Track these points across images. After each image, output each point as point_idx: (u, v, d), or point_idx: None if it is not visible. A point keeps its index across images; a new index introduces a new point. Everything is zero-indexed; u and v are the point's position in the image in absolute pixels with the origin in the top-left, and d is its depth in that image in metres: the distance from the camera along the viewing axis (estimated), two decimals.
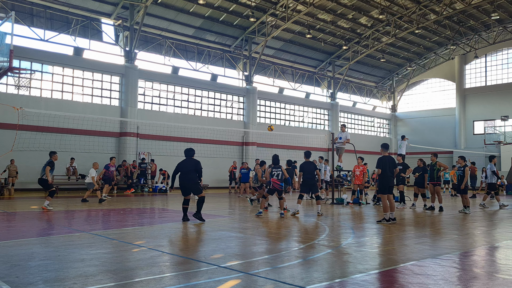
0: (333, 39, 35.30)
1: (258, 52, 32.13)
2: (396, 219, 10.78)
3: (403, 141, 18.36)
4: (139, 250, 6.85)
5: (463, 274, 5.57)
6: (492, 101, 38.99)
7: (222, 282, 4.96)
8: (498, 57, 39.88)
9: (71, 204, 15.82)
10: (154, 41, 28.20)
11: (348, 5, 30.61)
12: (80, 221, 11.03)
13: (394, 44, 37.71)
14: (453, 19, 34.63)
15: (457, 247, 7.61)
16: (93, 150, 23.13)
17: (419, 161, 16.15)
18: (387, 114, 45.66)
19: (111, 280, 5.04)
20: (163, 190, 24.60)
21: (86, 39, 25.65)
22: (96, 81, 25.93)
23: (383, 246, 7.76)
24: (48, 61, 23.85)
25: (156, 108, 28.50)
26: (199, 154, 17.98)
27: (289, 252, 6.79)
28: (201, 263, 5.89)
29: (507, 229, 10.31)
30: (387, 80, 44.95)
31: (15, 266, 5.60)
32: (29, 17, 23.69)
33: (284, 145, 30.33)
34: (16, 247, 6.99)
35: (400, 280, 5.21)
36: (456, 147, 39.16)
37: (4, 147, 19.13)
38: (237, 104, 32.70)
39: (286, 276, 5.26)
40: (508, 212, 14.95)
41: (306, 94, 37.77)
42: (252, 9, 28.51)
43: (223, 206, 15.89)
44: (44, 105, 22.91)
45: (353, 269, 5.78)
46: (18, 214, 12.06)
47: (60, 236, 8.22)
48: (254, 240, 8.19)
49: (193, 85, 30.05)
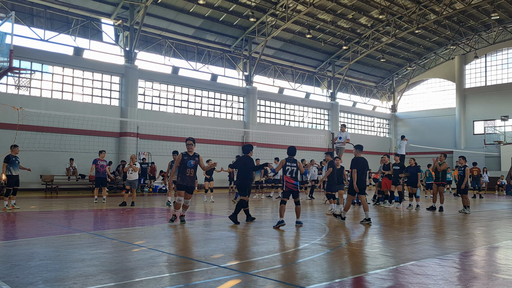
0: (333, 39, 35.30)
1: (258, 52, 32.13)
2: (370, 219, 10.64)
3: (402, 141, 18.37)
4: (139, 250, 6.85)
5: (463, 274, 5.57)
6: (492, 101, 38.99)
7: (222, 282, 4.96)
8: (498, 57, 39.88)
9: (71, 204, 15.82)
10: (154, 41, 28.20)
11: (348, 5, 30.61)
12: (80, 221, 11.03)
13: (394, 44, 37.71)
14: (453, 19, 34.63)
15: (457, 247, 7.60)
16: (93, 150, 23.08)
17: (412, 160, 16.13)
18: (387, 114, 45.66)
19: (111, 280, 5.05)
20: (163, 190, 24.60)
21: (86, 39, 25.65)
22: (96, 81, 25.93)
23: (383, 246, 7.76)
24: (48, 61, 23.85)
25: (156, 108, 28.51)
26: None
27: (289, 252, 6.79)
28: (201, 263, 5.89)
29: (507, 229, 10.31)
30: (387, 80, 44.95)
31: (15, 266, 5.60)
32: (29, 17, 23.69)
33: (284, 145, 30.09)
34: (16, 247, 6.99)
35: (400, 280, 5.21)
36: (456, 147, 39.17)
37: (4, 147, 19.11)
38: (237, 104, 32.70)
39: (286, 276, 5.26)
40: (508, 212, 14.95)
41: (306, 94, 37.78)
42: (252, 9, 28.51)
43: (223, 206, 15.89)
44: (44, 105, 22.91)
45: (353, 269, 5.79)
46: (18, 214, 12.05)
47: (60, 236, 8.21)
48: (254, 240, 8.19)
49: (193, 85, 30.06)
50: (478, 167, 23.56)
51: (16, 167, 13.29)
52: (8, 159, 13.13)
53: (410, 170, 15.71)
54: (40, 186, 22.18)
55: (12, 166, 13.18)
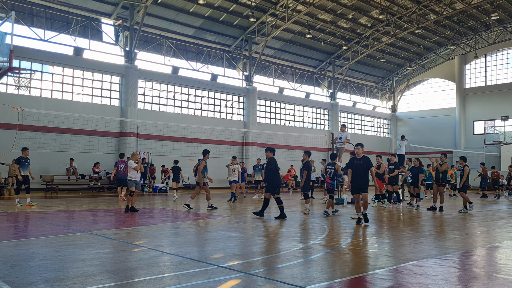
0: (333, 39, 35.30)
1: (258, 52, 32.13)
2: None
3: (402, 141, 18.35)
4: (139, 250, 6.85)
5: (463, 274, 5.57)
6: (492, 101, 39.00)
7: (222, 282, 4.96)
8: (498, 57, 39.89)
9: (71, 204, 15.82)
10: (154, 41, 28.20)
11: (348, 5, 30.61)
12: (80, 221, 11.03)
13: (394, 44, 37.71)
14: (453, 19, 34.63)
15: (457, 247, 7.60)
16: (93, 150, 23.17)
17: (416, 161, 16.04)
18: (387, 114, 45.67)
19: (111, 280, 5.05)
20: (163, 190, 24.60)
21: (86, 39, 25.65)
22: (96, 81, 25.93)
23: (383, 246, 7.76)
24: (48, 61, 23.85)
25: (156, 108, 28.51)
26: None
27: (289, 252, 6.79)
28: (201, 263, 5.89)
29: (507, 229, 10.31)
30: (387, 80, 44.95)
31: (15, 266, 5.60)
32: (29, 17, 23.69)
33: (284, 145, 30.33)
34: (16, 247, 6.99)
35: (400, 280, 5.21)
36: (456, 147, 39.17)
37: (4, 147, 19.12)
38: (237, 104, 32.70)
39: (286, 276, 5.26)
40: (508, 212, 14.95)
41: (306, 94, 37.78)
42: (252, 9, 28.51)
43: (223, 206, 15.88)
44: (44, 105, 22.91)
45: (353, 269, 5.79)
46: (18, 214, 12.05)
47: (60, 236, 8.21)
48: (254, 240, 8.19)
49: (193, 85, 30.06)
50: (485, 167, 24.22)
51: (26, 168, 14.22)
52: (19, 161, 14.09)
53: (413, 171, 15.72)
54: (40, 186, 22.17)
55: (22, 167, 14.13)
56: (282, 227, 9.90)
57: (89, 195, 20.78)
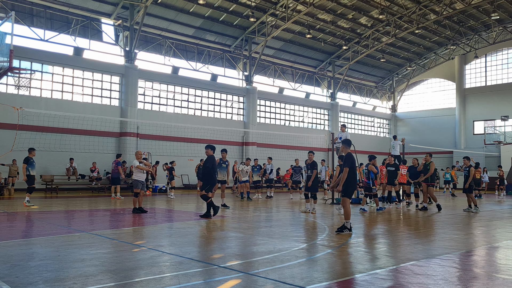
0: (333, 39, 35.29)
1: (258, 52, 32.13)
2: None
3: (395, 141, 18.27)
4: (139, 250, 6.85)
5: (463, 274, 5.57)
6: (492, 101, 39.00)
7: (222, 282, 4.96)
8: (498, 57, 39.88)
9: (71, 204, 15.81)
10: (154, 41, 28.20)
11: (348, 5, 30.60)
12: (80, 221, 11.03)
13: (394, 44, 37.70)
14: (453, 19, 34.63)
15: (457, 247, 7.60)
16: (93, 150, 23.16)
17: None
18: (387, 114, 45.66)
19: (111, 280, 5.04)
20: (163, 190, 24.59)
21: (86, 39, 25.65)
22: (96, 81, 25.94)
23: (383, 246, 7.76)
24: (48, 61, 23.86)
25: (156, 108, 28.51)
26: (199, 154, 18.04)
27: (289, 252, 6.78)
28: (201, 263, 5.89)
29: (507, 229, 10.31)
30: (387, 80, 44.95)
31: (15, 266, 5.60)
32: (29, 17, 23.69)
33: (284, 145, 30.32)
34: (16, 247, 6.99)
35: (400, 280, 5.21)
36: (456, 147, 39.18)
37: (4, 147, 19.13)
38: (237, 104, 32.70)
39: (286, 276, 5.26)
40: (508, 212, 14.95)
41: (306, 94, 37.78)
42: (252, 9, 28.51)
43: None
44: (44, 105, 22.91)
45: (353, 269, 5.79)
46: (18, 214, 12.05)
47: (60, 236, 8.21)
48: (254, 240, 8.18)
49: (193, 85, 30.06)
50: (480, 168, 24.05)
51: (34, 168, 14.88)
52: (27, 160, 14.60)
53: (413, 171, 15.71)
54: (40, 186, 22.16)
55: (31, 167, 14.71)
56: (282, 227, 9.90)
57: (89, 195, 20.78)
